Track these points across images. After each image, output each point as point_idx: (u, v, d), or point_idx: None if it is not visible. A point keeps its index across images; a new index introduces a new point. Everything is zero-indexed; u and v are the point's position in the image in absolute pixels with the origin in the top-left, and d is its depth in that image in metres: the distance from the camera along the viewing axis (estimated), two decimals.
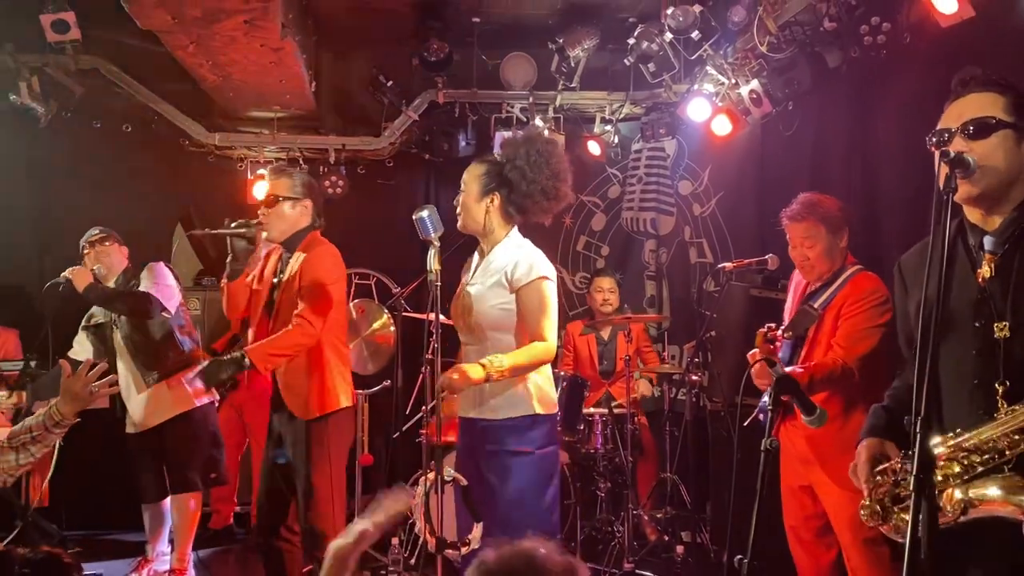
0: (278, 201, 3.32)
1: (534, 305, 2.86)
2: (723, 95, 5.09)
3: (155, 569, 4.48)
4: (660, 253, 6.04)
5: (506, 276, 2.88)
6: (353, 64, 5.85)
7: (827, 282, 3.25)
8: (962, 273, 1.93)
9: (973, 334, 1.88)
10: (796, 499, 3.32)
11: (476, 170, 2.99)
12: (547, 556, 1.30)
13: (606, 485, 4.76)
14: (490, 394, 2.86)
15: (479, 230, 2.98)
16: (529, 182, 2.88)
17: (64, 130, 5.54)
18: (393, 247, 5.64)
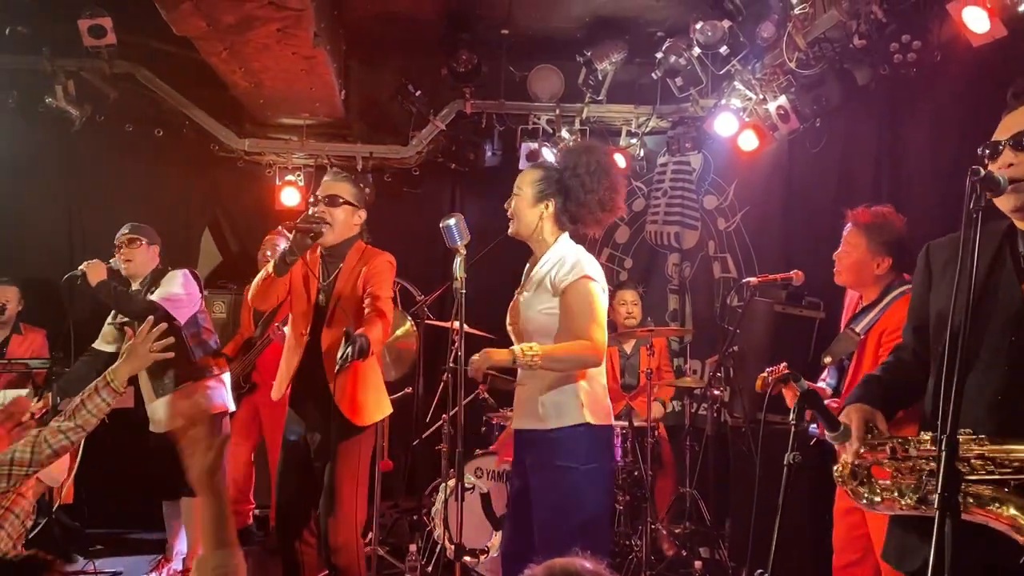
0: (340, 203, 3.35)
1: (578, 306, 2.76)
2: (750, 110, 5.09)
3: (174, 568, 4.52)
4: (684, 267, 6.03)
5: (550, 279, 2.83)
6: (382, 73, 5.91)
7: (871, 305, 3.18)
8: (1006, 281, 1.90)
9: (1008, 347, 1.84)
10: (847, 521, 3.25)
11: (532, 175, 2.97)
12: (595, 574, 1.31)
13: (625, 499, 4.74)
14: (541, 402, 2.80)
15: (530, 236, 2.94)
16: (587, 191, 2.85)
17: (97, 133, 5.63)
18: (417, 255, 5.66)
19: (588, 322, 2.75)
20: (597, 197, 2.86)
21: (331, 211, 3.33)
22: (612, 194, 2.88)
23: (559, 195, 2.89)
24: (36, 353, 5.36)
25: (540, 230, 2.92)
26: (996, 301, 1.90)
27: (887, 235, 3.15)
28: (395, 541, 5.08)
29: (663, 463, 5.06)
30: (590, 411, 2.78)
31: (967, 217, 1.77)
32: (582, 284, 2.77)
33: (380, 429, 4.92)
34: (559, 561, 1.33)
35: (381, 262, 3.37)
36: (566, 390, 2.78)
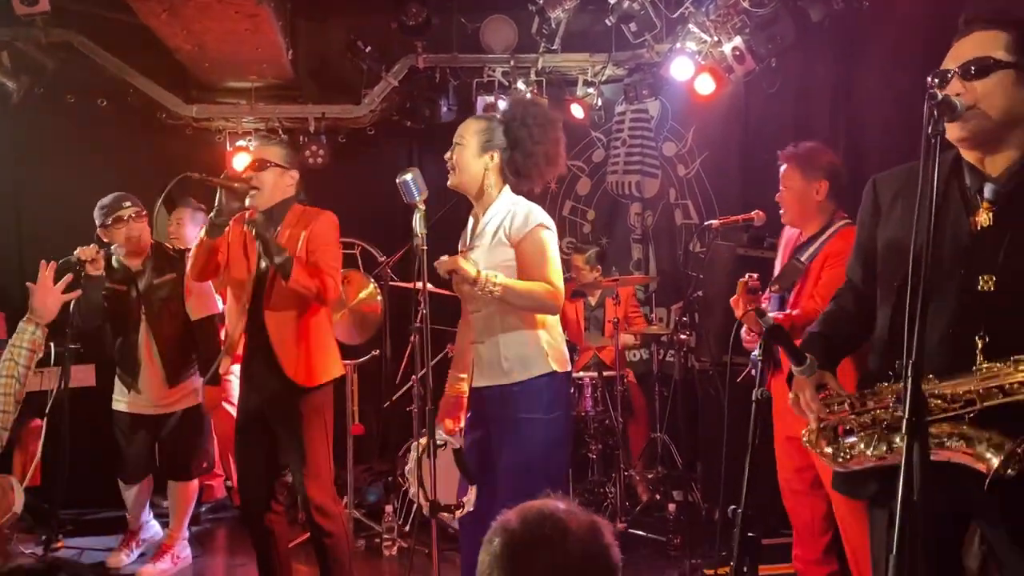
0: (268, 166, 3.26)
1: (535, 255, 2.77)
2: (706, 53, 5.05)
3: (142, 538, 4.49)
4: (646, 216, 6.03)
5: (505, 232, 2.81)
6: (330, 30, 5.76)
7: (815, 235, 3.28)
8: (954, 216, 1.89)
9: (957, 281, 1.85)
10: (788, 451, 3.37)
11: (477, 125, 2.91)
12: (571, 515, 1.30)
13: (597, 447, 4.79)
14: (504, 357, 2.79)
15: (473, 188, 2.90)
16: (535, 142, 2.83)
17: (38, 106, 5.44)
18: (377, 216, 5.58)
19: (545, 269, 2.76)
20: (544, 149, 2.84)
21: (259, 176, 3.24)
22: (557, 147, 2.88)
23: (506, 146, 2.86)
24: None
25: (484, 182, 2.89)
26: (945, 235, 1.89)
27: (817, 161, 3.28)
28: (371, 504, 5.08)
29: (634, 410, 5.11)
30: (554, 360, 2.80)
31: (925, 142, 1.76)
32: (536, 232, 2.78)
33: (349, 394, 4.91)
34: (533, 504, 1.32)
35: (322, 224, 3.29)
36: (529, 342, 2.79)
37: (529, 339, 2.79)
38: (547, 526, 1.27)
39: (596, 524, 1.30)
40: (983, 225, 1.86)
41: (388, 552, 4.44)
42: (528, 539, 1.26)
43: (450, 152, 2.91)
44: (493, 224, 2.85)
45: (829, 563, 3.40)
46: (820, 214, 3.27)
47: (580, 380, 4.77)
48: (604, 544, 1.28)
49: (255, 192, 3.22)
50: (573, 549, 1.25)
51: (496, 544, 1.27)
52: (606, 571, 1.28)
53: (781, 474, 3.45)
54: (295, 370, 3.22)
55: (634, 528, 4.43)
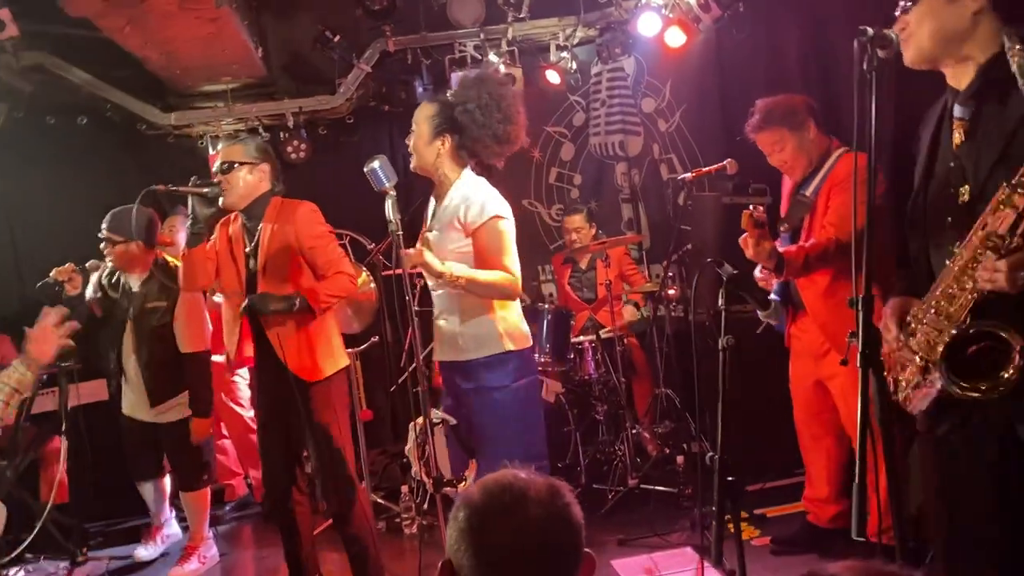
0: (233, 167, 3.28)
1: (491, 246, 2.86)
2: (672, 5, 5.02)
3: (165, 534, 4.61)
4: (632, 175, 6.03)
5: (459, 219, 2.88)
6: (297, 23, 5.73)
7: (815, 169, 3.28)
8: (946, 140, 1.97)
9: (947, 200, 1.92)
10: (806, 395, 3.40)
11: (427, 111, 2.97)
12: (528, 481, 1.33)
13: (603, 408, 4.85)
14: (460, 335, 2.91)
15: (431, 173, 2.99)
16: (479, 126, 2.88)
17: (19, 131, 5.46)
18: (364, 204, 5.56)
19: (502, 258, 2.85)
20: (491, 131, 2.89)
21: (226, 178, 3.27)
22: (507, 126, 2.90)
23: (454, 131, 2.92)
24: (5, 359, 5.31)
25: (440, 166, 2.96)
26: (941, 158, 1.97)
27: (790, 107, 3.27)
28: (388, 486, 5.18)
29: (636, 368, 5.15)
30: (510, 339, 2.90)
31: (860, 77, 1.79)
32: (492, 224, 2.85)
33: (355, 381, 4.99)
34: (492, 476, 1.36)
35: (306, 219, 3.30)
36: (483, 323, 2.89)
37: (484, 319, 2.89)
38: (506, 495, 1.31)
39: (554, 486, 1.34)
40: (957, 144, 1.92)
41: (408, 530, 4.54)
42: (490, 510, 1.30)
43: (409, 136, 2.97)
44: (449, 210, 2.92)
45: (840, 502, 3.45)
46: (816, 151, 3.28)
47: (580, 344, 4.82)
48: (563, 503, 1.32)
49: (225, 193, 3.25)
50: (534, 513, 1.29)
51: (461, 518, 1.31)
52: (568, 530, 1.32)
53: (798, 416, 3.49)
54: (299, 366, 3.27)
55: (646, 483, 4.49)
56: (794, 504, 3.87)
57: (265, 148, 3.43)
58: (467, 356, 2.91)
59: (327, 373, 3.34)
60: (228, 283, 3.38)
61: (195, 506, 4.37)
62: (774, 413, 3.75)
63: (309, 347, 3.30)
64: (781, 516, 4.01)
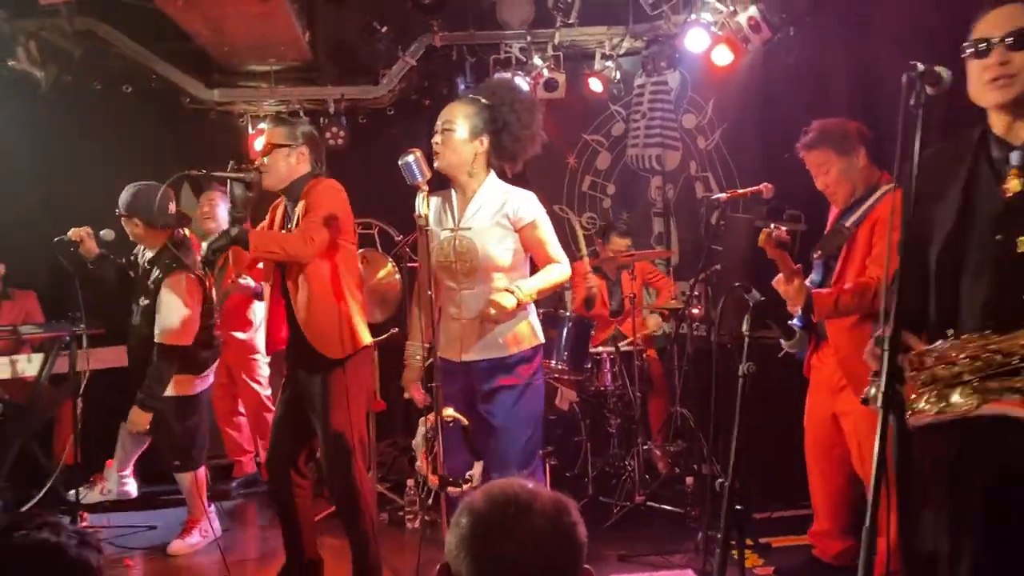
0: (274, 149, 3.31)
1: (543, 238, 3.01)
2: (722, 23, 4.99)
3: (107, 487, 4.68)
4: (667, 189, 5.99)
5: (507, 217, 2.98)
6: (347, 12, 5.77)
7: (859, 200, 3.22)
8: (986, 187, 1.94)
9: (994, 248, 1.89)
10: (819, 428, 3.34)
11: (467, 109, 2.98)
12: (536, 494, 1.31)
13: (616, 421, 4.81)
14: (500, 333, 2.99)
15: (461, 172, 3.00)
16: (524, 126, 3.00)
17: (65, 94, 5.56)
18: (395, 196, 5.58)
19: (552, 247, 3.03)
20: (530, 132, 3.01)
21: (266, 160, 3.30)
22: (539, 130, 3.06)
23: (495, 130, 2.97)
24: (29, 315, 5.41)
25: (472, 166, 3.00)
26: (979, 206, 1.94)
27: (843, 131, 3.21)
28: (395, 477, 5.18)
29: (653, 384, 5.12)
30: (539, 333, 3.09)
31: (905, 113, 1.76)
32: (540, 220, 3.00)
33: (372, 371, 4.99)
34: (497, 484, 1.34)
35: (317, 190, 3.29)
36: (520, 319, 3.03)
37: (520, 316, 3.02)
38: (512, 506, 1.28)
39: (561, 502, 1.31)
40: (1014, 191, 1.90)
41: (410, 525, 4.54)
42: (493, 519, 1.27)
43: (438, 136, 2.97)
44: (488, 209, 2.97)
45: (846, 539, 3.39)
46: (864, 181, 3.21)
47: (599, 355, 4.79)
48: (569, 522, 1.29)
49: (265, 174, 3.27)
50: (538, 527, 1.26)
51: (463, 524, 1.29)
52: (570, 548, 1.29)
53: (809, 449, 3.43)
54: (320, 341, 3.27)
55: (652, 501, 4.45)
56: (800, 536, 3.82)
57: (308, 133, 3.44)
58: (507, 352, 3.00)
59: (348, 352, 3.32)
60: (268, 265, 3.42)
61: (184, 485, 4.35)
62: (787, 442, 3.70)
63: (333, 324, 3.28)
64: (786, 547, 3.96)
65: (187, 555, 4.25)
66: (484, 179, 3.03)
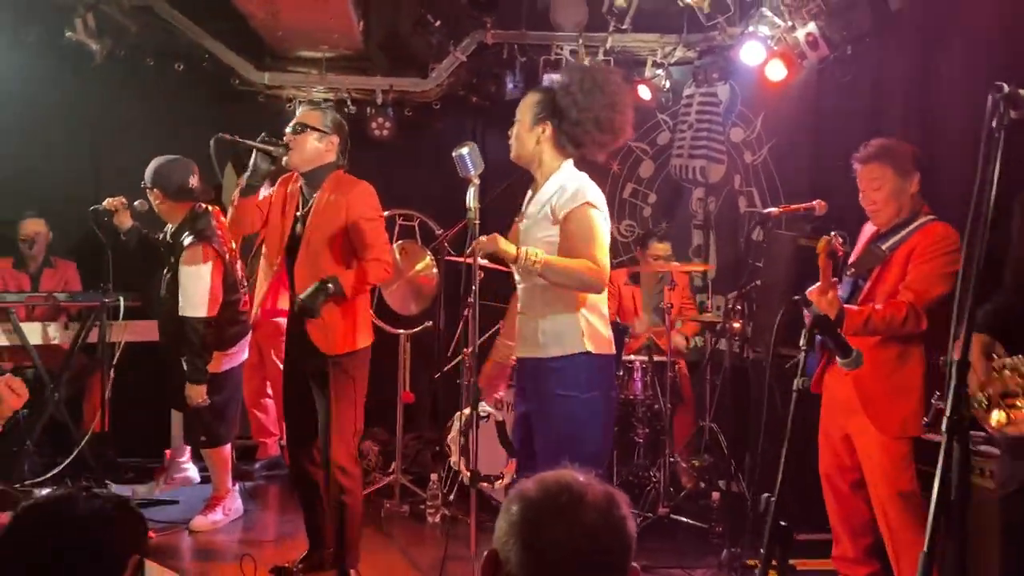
0: (306, 130, 3.33)
1: (580, 231, 2.73)
2: (779, 38, 4.93)
3: (174, 477, 4.68)
4: (708, 202, 5.95)
5: (551, 207, 2.79)
6: (401, 3, 5.79)
7: (897, 226, 3.19)
8: None
9: None
10: (832, 449, 3.31)
11: (531, 98, 2.93)
12: (588, 485, 1.30)
13: (644, 431, 4.77)
14: (541, 331, 2.81)
15: (530, 161, 2.92)
16: (581, 110, 2.77)
17: (118, 68, 5.62)
18: (437, 189, 5.64)
19: (590, 246, 2.72)
20: (592, 115, 2.77)
21: (296, 139, 3.31)
22: (611, 113, 2.79)
23: (555, 116, 2.82)
24: (68, 284, 5.48)
25: (540, 154, 2.88)
26: None
27: (908, 154, 3.17)
28: (418, 471, 5.18)
29: (683, 397, 5.07)
30: (590, 340, 2.77)
31: (988, 135, 1.72)
32: (583, 210, 2.73)
33: (401, 362, 5.00)
34: (551, 473, 1.33)
35: (360, 197, 3.33)
36: (567, 318, 2.78)
37: (567, 316, 2.78)
38: (564, 495, 1.28)
39: (612, 495, 1.31)
40: None
41: (431, 519, 4.52)
42: (545, 507, 1.27)
43: (513, 127, 2.94)
44: (543, 198, 2.85)
45: (870, 563, 3.34)
46: (909, 206, 3.19)
47: (631, 363, 4.76)
48: (620, 515, 1.29)
49: (292, 152, 3.29)
50: (589, 518, 1.26)
51: (514, 511, 1.29)
52: (621, 541, 1.29)
53: (823, 470, 3.39)
54: (321, 336, 3.31)
55: (676, 514, 4.42)
56: (825, 560, 3.76)
57: (340, 123, 3.47)
58: (546, 353, 2.79)
59: (347, 349, 3.34)
60: (271, 239, 3.45)
61: (209, 462, 4.39)
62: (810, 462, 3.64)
63: (338, 321, 3.32)
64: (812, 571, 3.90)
65: (208, 532, 4.28)
66: (554, 168, 2.86)
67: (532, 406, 2.87)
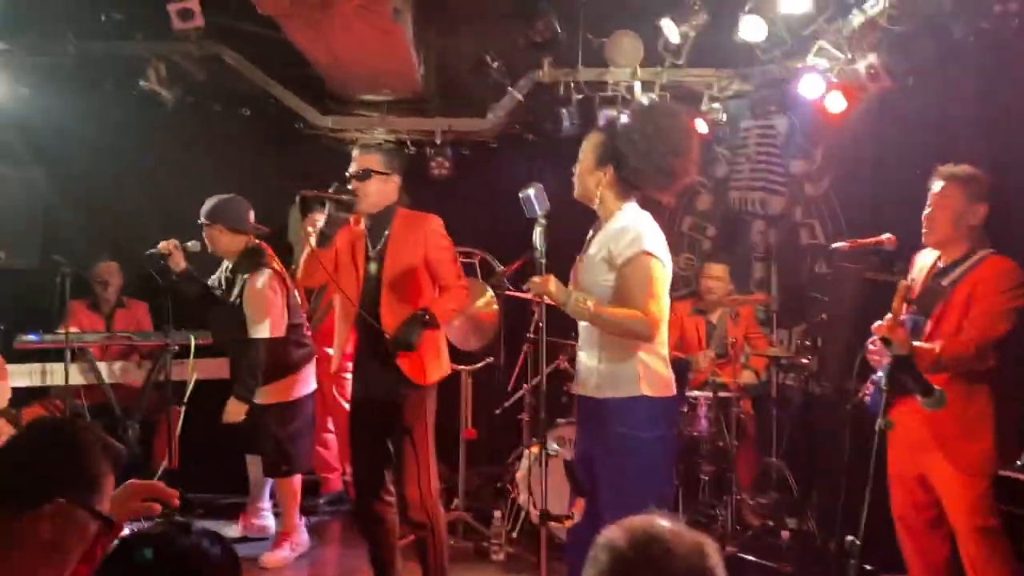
0: (370, 175, 3.42)
1: (635, 282, 2.71)
2: (838, 70, 4.90)
3: (253, 522, 4.73)
4: (769, 234, 5.89)
5: (609, 250, 2.79)
6: (458, 46, 5.89)
7: (957, 261, 3.16)
8: None
9: None
10: (906, 488, 3.23)
11: (593, 140, 2.96)
12: (678, 535, 1.30)
13: (709, 468, 4.71)
14: (597, 371, 2.81)
15: (591, 202, 2.96)
16: (641, 155, 2.77)
17: (187, 114, 5.81)
18: (496, 226, 5.70)
19: (644, 296, 2.69)
20: (653, 162, 2.77)
21: (361, 185, 3.40)
22: (673, 159, 2.79)
23: (616, 160, 2.84)
24: (140, 324, 5.65)
25: (602, 196, 2.90)
26: None
27: (981, 183, 3.14)
28: (480, 507, 5.18)
29: (746, 433, 5.00)
30: (647, 383, 2.74)
31: None
32: (641, 260, 2.73)
33: (463, 398, 5.02)
34: (636, 520, 1.33)
35: (434, 233, 3.48)
36: (622, 360, 2.76)
37: (624, 357, 2.76)
38: (654, 547, 1.27)
39: (702, 546, 1.30)
40: None
41: (495, 556, 4.51)
42: (635, 559, 1.27)
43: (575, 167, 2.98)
44: (603, 241, 2.87)
45: None
46: (968, 239, 3.16)
47: (695, 399, 4.71)
48: (710, 567, 1.28)
49: (359, 199, 3.39)
50: (679, 570, 1.26)
51: (603, 561, 1.29)
52: None
53: (896, 511, 3.30)
54: (410, 367, 3.38)
55: (744, 553, 4.35)
56: None
57: (401, 162, 3.60)
58: (601, 394, 2.79)
59: (434, 378, 3.45)
60: (347, 284, 3.51)
61: (281, 493, 4.48)
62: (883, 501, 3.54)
63: (423, 351, 3.39)
64: None
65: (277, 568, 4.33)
66: (615, 209, 2.88)
67: (593, 445, 2.86)
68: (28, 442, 1.72)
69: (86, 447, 1.70)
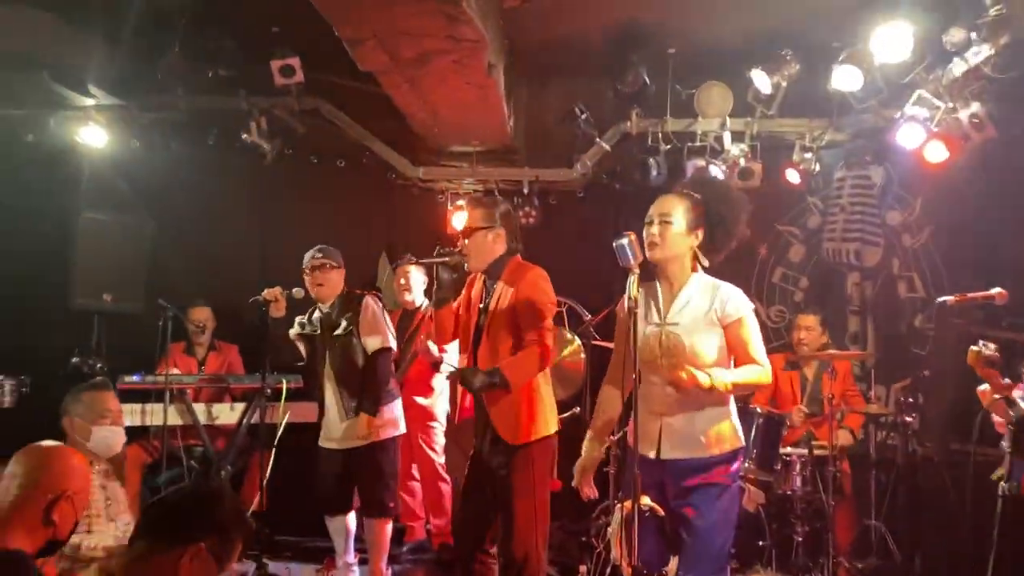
0: (475, 231, 3.47)
1: (750, 336, 2.94)
2: (938, 120, 4.77)
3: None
4: (865, 286, 5.73)
5: (716, 313, 2.93)
6: (548, 97, 5.99)
7: None
8: None
9: None
10: None
11: (684, 203, 3.00)
12: None
13: (803, 529, 4.53)
14: (701, 432, 2.92)
15: (676, 264, 3.00)
16: (735, 221, 3.00)
17: (286, 165, 6.03)
18: (583, 275, 5.69)
19: (757, 349, 2.95)
20: (740, 228, 3.02)
21: (468, 243, 3.46)
22: (745, 228, 3.05)
23: (709, 224, 2.98)
24: (231, 367, 5.82)
25: (684, 259, 3.01)
26: None
27: None
28: (564, 561, 5.08)
29: (843, 493, 4.79)
30: (740, 435, 3.01)
31: None
32: (749, 318, 2.95)
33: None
34: None
35: (528, 284, 3.40)
36: (722, 419, 2.96)
37: (722, 415, 2.96)
38: None
39: None
40: None
41: None
42: None
43: (655, 227, 2.97)
44: (696, 304, 2.95)
45: None
46: None
47: (788, 457, 4.55)
48: None
49: (468, 257, 3.45)
50: None
51: None
52: None
53: None
54: (504, 426, 3.36)
55: None
56: None
57: (506, 212, 3.59)
58: (710, 452, 2.92)
59: (531, 438, 3.37)
60: (463, 335, 3.56)
61: (376, 535, 4.45)
62: None
63: (516, 408, 3.35)
64: None
65: None
66: (691, 274, 3.02)
67: (678, 498, 2.91)
68: (196, 490, 2.10)
69: (236, 512, 1.95)
